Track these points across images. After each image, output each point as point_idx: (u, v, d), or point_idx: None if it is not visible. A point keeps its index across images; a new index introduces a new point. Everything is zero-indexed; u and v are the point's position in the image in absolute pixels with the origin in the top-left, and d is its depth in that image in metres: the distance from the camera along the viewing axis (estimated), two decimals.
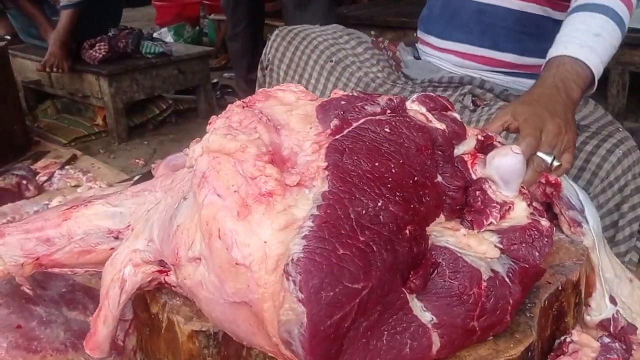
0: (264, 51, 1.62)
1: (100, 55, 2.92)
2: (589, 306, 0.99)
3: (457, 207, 0.83)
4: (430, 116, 0.88)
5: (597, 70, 1.08)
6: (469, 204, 0.84)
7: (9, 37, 3.34)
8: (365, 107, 0.83)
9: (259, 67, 1.66)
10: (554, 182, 0.96)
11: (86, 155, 2.70)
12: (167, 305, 0.82)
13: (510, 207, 0.84)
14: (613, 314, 0.98)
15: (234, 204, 0.67)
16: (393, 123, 0.81)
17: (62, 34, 2.94)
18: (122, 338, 0.98)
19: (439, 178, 0.82)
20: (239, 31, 3.31)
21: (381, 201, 0.71)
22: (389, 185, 0.73)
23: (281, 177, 0.70)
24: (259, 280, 0.64)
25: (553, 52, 1.10)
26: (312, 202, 0.69)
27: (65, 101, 3.32)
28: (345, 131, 0.78)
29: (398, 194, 0.73)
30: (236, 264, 0.65)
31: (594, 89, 1.12)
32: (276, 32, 1.60)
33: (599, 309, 0.99)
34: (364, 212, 0.69)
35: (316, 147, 0.75)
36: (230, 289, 0.67)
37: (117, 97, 2.95)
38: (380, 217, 0.70)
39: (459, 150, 0.88)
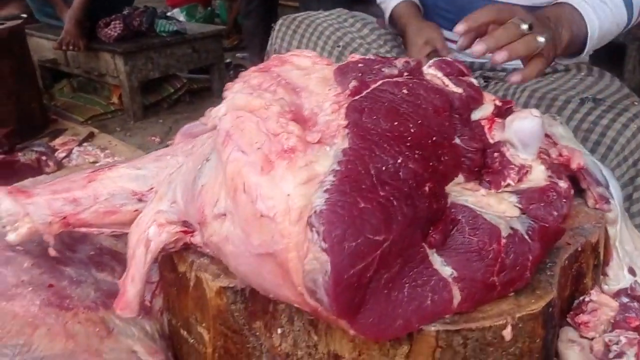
0: (269, 42, 1.62)
1: (116, 34, 2.94)
2: (607, 275, 1.00)
3: (476, 169, 0.84)
4: (447, 80, 0.89)
5: (592, 30, 1.07)
6: (487, 166, 0.85)
7: (25, 16, 3.36)
8: (383, 70, 0.84)
9: (264, 57, 1.66)
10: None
11: (103, 133, 2.73)
12: (195, 263, 0.84)
13: (528, 171, 0.85)
14: (631, 284, 0.98)
15: (257, 159, 0.69)
16: (410, 85, 0.82)
17: (77, 12, 2.96)
18: (150, 299, 1.00)
19: (457, 140, 0.83)
20: (252, 8, 3.32)
21: (401, 158, 0.72)
22: (407, 144, 0.74)
23: (303, 134, 0.71)
24: (283, 231, 0.66)
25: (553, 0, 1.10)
26: (333, 159, 0.70)
27: (81, 80, 3.35)
28: (364, 92, 0.79)
29: (417, 152, 0.74)
30: (261, 216, 0.67)
31: (584, 53, 1.11)
32: (280, 21, 1.60)
33: (617, 278, 1.00)
34: (384, 168, 0.70)
35: (336, 107, 0.77)
36: (256, 241, 0.69)
37: (132, 75, 2.97)
38: (400, 173, 0.71)
39: (475, 115, 0.89)
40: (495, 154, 0.85)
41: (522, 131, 0.85)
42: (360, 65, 0.84)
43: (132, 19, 3.02)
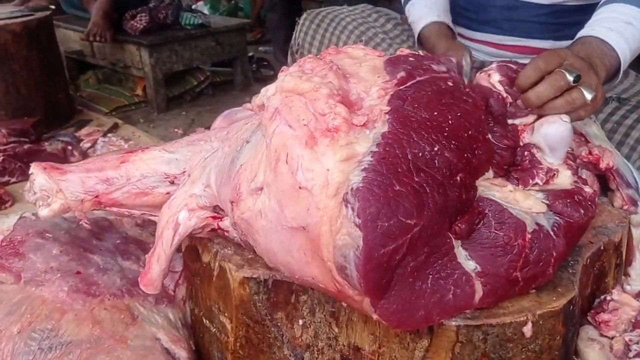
0: (293, 36, 1.62)
1: (141, 26, 2.97)
2: (629, 276, 1.00)
3: (505, 167, 0.84)
4: (498, 85, 0.89)
5: (624, 57, 1.04)
6: (516, 164, 0.85)
7: (53, 7, 3.41)
8: (432, 66, 0.86)
9: (289, 52, 1.67)
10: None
11: (127, 124, 2.76)
12: (219, 254, 0.85)
13: (555, 174, 0.84)
14: None
15: (302, 134, 0.71)
16: (456, 79, 0.84)
17: (105, 4, 3.00)
18: (173, 288, 1.02)
19: (489, 136, 0.83)
20: (276, 1, 3.33)
21: (437, 147, 0.73)
22: (445, 134, 0.75)
23: (349, 116, 0.73)
24: (319, 203, 0.68)
25: (579, 34, 1.07)
26: (373, 141, 0.72)
27: (106, 71, 3.40)
28: (410, 83, 0.81)
29: (453, 142, 0.75)
30: (299, 187, 0.69)
31: (618, 78, 1.08)
32: (304, 15, 1.60)
33: (639, 279, 1.00)
34: (420, 154, 0.72)
35: (382, 93, 0.79)
36: (290, 214, 0.71)
37: (157, 67, 3.00)
38: (436, 161, 0.72)
39: (516, 120, 0.89)
40: (526, 153, 0.85)
41: (550, 136, 0.84)
42: (410, 59, 0.86)
43: (158, 11, 3.05)
